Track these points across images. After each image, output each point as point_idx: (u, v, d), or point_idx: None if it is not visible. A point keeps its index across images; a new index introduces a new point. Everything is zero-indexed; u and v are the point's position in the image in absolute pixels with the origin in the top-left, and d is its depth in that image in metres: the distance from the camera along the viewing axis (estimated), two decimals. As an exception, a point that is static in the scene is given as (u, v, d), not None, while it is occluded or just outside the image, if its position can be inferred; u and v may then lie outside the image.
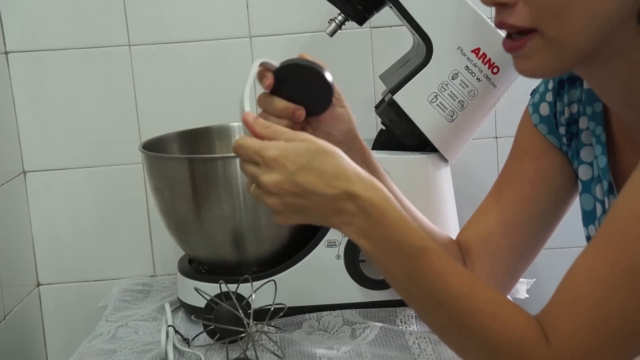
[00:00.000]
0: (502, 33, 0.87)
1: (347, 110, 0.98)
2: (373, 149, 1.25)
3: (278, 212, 0.83)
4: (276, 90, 0.91)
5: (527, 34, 0.80)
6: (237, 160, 0.84)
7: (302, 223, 0.83)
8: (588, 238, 0.97)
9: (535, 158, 1.00)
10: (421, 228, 0.85)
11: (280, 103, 0.91)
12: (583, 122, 0.95)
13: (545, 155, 0.99)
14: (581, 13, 0.77)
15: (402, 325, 1.15)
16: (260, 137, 0.83)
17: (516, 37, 0.82)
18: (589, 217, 0.95)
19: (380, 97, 1.26)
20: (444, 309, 0.79)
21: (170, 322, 1.16)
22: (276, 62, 0.92)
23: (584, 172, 0.95)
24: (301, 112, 0.92)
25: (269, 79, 0.91)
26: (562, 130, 0.98)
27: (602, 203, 0.92)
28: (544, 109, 0.99)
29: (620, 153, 0.91)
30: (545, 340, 0.75)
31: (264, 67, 0.91)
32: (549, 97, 0.98)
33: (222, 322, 1.08)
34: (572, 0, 0.77)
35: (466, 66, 1.15)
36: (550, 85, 0.99)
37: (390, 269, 0.81)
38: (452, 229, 1.21)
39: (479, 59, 1.14)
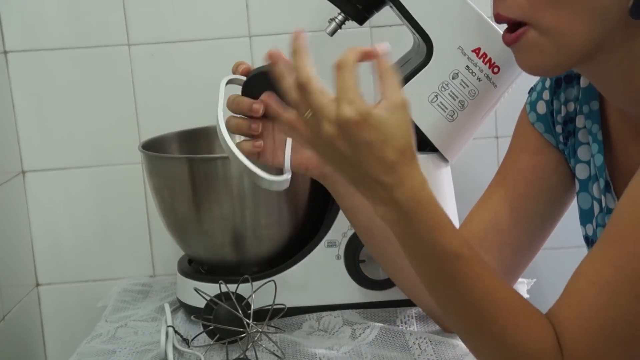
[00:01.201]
0: (501, 29, 0.87)
1: None
2: (373, 148, 1.25)
3: (319, 144, 0.79)
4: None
5: (522, 26, 0.81)
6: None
7: (338, 169, 0.80)
8: (585, 237, 0.97)
9: (531, 156, 1.00)
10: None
11: (241, 99, 0.94)
12: (580, 121, 0.95)
13: (541, 153, 1.00)
14: (576, 3, 0.77)
15: (402, 326, 1.15)
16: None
17: (512, 31, 0.82)
18: (586, 216, 0.96)
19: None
20: (467, 314, 0.78)
21: (169, 323, 1.16)
22: (243, 77, 0.93)
23: (581, 171, 0.95)
24: (258, 106, 0.92)
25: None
26: (558, 128, 0.98)
27: (599, 201, 0.92)
28: (541, 108, 0.99)
29: (617, 151, 0.91)
30: (560, 350, 0.75)
31: (235, 83, 0.93)
32: (546, 95, 0.99)
33: (222, 322, 1.08)
34: None
35: (467, 66, 1.15)
36: (547, 83, 0.99)
37: (418, 264, 0.80)
38: (452, 229, 1.20)
39: (480, 58, 1.14)
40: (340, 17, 1.20)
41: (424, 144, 1.19)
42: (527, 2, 0.79)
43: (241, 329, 1.06)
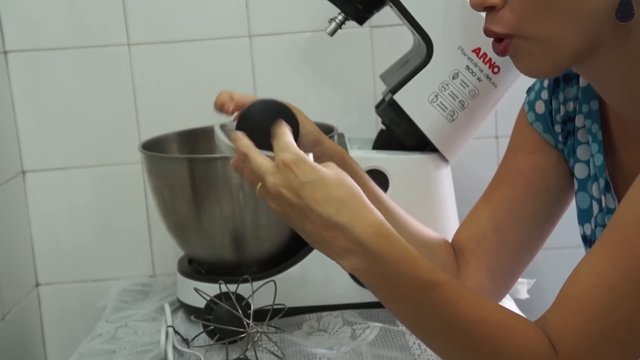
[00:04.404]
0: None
1: (306, 122, 0.96)
2: (373, 148, 1.25)
3: (278, 216, 0.81)
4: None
5: (507, 37, 0.82)
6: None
7: (300, 231, 0.82)
8: (583, 236, 0.97)
9: (530, 156, 1.00)
10: (415, 237, 0.84)
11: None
12: (579, 120, 0.95)
13: (540, 153, 1.00)
14: (562, 11, 0.78)
15: (402, 326, 1.15)
16: None
17: (500, 41, 0.83)
18: (584, 216, 0.96)
19: (381, 97, 1.26)
20: (457, 339, 0.77)
21: (169, 323, 1.16)
22: (232, 123, 0.92)
23: (580, 171, 0.96)
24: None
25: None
26: (557, 128, 0.98)
27: (599, 201, 0.92)
28: (540, 107, 0.99)
29: (617, 151, 0.91)
30: (554, 350, 0.75)
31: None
32: (545, 95, 0.99)
33: (222, 322, 1.08)
34: (553, 1, 0.78)
35: (467, 66, 1.15)
36: (546, 83, 0.99)
37: (397, 303, 0.79)
38: (452, 229, 1.20)
39: (480, 58, 1.14)
40: (340, 17, 1.20)
41: (424, 144, 1.19)
42: (514, 18, 0.80)
43: (241, 329, 1.06)
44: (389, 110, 1.19)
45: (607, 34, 0.79)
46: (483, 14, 1.05)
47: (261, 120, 0.89)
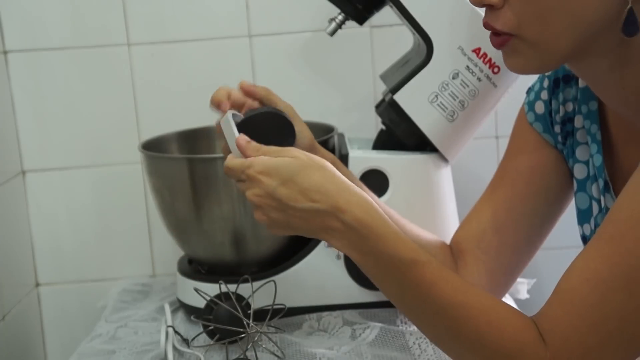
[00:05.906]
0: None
1: (303, 128, 1.02)
2: (373, 148, 1.25)
3: (267, 225, 0.86)
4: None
5: (506, 35, 0.82)
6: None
7: (294, 234, 0.86)
8: (583, 237, 0.97)
9: (530, 156, 1.01)
10: (411, 239, 0.87)
11: None
12: (578, 121, 0.95)
13: (540, 153, 1.00)
14: (561, 19, 0.79)
15: (402, 326, 1.15)
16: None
17: (498, 35, 0.84)
18: (584, 216, 0.96)
19: (381, 97, 1.26)
20: (439, 319, 0.79)
21: (169, 323, 1.16)
22: (240, 115, 0.97)
23: (579, 171, 0.96)
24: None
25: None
26: (557, 128, 0.98)
27: (598, 201, 0.93)
28: (539, 108, 1.00)
29: (616, 151, 0.91)
30: (543, 342, 0.75)
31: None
32: (544, 95, 0.99)
33: (222, 322, 1.08)
34: (554, 7, 0.78)
35: (467, 66, 1.15)
36: (546, 83, 0.99)
37: (382, 281, 0.82)
38: (452, 229, 1.20)
39: (480, 58, 1.14)
40: (340, 17, 1.20)
41: (424, 144, 1.19)
42: (515, 19, 0.81)
43: (241, 329, 1.06)
44: (389, 110, 1.19)
45: (601, 40, 0.80)
46: (483, 13, 1.06)
47: (261, 133, 0.93)
